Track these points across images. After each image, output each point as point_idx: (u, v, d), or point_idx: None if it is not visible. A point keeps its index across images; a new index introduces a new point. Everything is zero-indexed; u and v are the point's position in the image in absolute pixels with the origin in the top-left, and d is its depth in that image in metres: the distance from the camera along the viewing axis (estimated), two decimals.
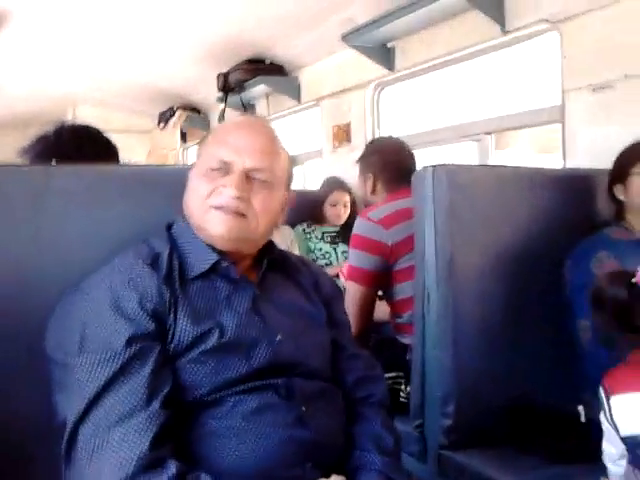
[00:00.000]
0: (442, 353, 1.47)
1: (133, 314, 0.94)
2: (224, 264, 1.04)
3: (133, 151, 4.86)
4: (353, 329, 1.30)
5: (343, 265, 2.88)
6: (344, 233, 3.23)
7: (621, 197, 1.63)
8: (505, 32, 2.63)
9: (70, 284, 1.01)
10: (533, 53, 2.73)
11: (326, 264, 3.26)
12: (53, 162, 1.36)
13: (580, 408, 1.40)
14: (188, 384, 0.95)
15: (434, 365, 1.49)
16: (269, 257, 1.13)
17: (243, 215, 1.03)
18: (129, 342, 0.92)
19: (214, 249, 1.05)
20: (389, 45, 3.53)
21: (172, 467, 0.85)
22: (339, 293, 1.26)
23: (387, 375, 1.85)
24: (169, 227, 1.12)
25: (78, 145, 1.46)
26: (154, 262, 1.01)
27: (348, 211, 3.33)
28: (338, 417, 1.08)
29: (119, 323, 0.93)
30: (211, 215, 1.04)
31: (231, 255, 1.06)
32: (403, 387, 1.79)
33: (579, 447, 1.31)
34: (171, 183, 1.20)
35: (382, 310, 2.11)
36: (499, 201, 1.59)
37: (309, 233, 3.35)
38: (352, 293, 1.97)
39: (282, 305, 1.10)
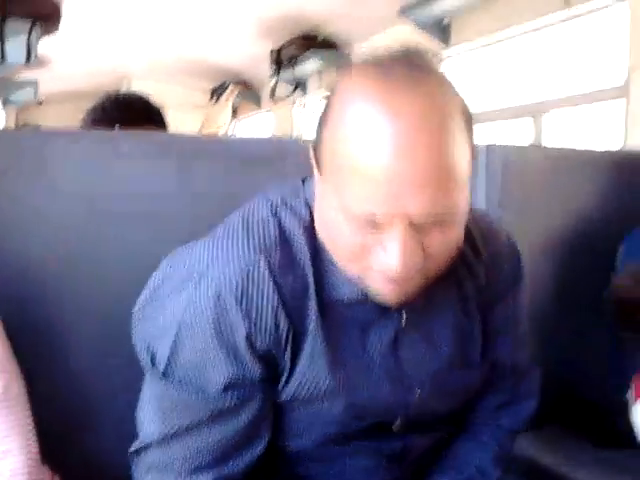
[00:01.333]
0: None
1: (240, 353, 0.69)
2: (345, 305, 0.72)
3: (186, 126, 4.92)
4: None
5: None
6: None
7: None
8: (568, 6, 2.54)
9: (131, 253, 1.02)
10: (598, 28, 2.62)
11: None
12: (116, 128, 1.40)
13: (628, 394, 1.37)
14: (293, 432, 0.76)
15: None
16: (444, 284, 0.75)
17: (413, 277, 0.66)
18: (226, 388, 0.70)
19: None
20: (445, 20, 3.46)
21: None
22: (518, 275, 0.89)
23: None
24: (302, 181, 0.77)
25: (134, 112, 1.49)
26: (284, 260, 0.69)
27: None
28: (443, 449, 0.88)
29: (220, 358, 0.69)
30: (370, 275, 0.67)
31: None
32: None
33: (627, 432, 1.28)
34: (226, 155, 1.20)
35: None
36: (552, 182, 1.55)
37: None
38: None
39: (431, 334, 0.78)
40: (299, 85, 5.01)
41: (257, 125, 6.29)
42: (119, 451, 1.06)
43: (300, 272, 0.70)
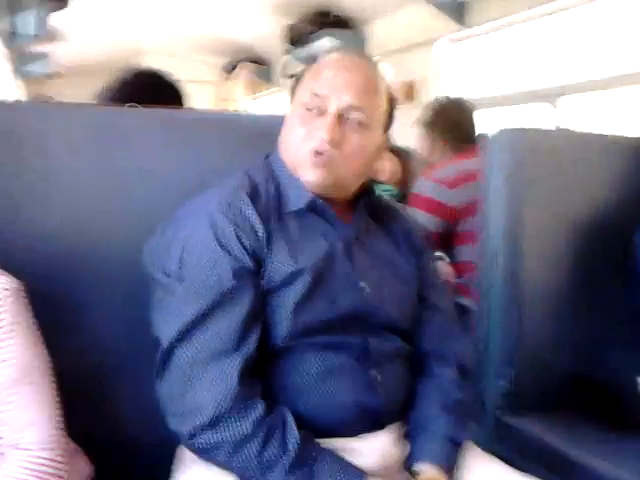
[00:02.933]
0: (506, 317, 1.47)
1: (233, 248, 0.93)
2: (319, 202, 1.01)
3: (198, 101, 4.91)
4: None
5: None
6: (402, 194, 3.21)
7: None
8: None
9: (138, 224, 1.08)
10: (617, 11, 2.59)
11: None
12: (127, 105, 1.40)
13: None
14: (270, 325, 0.95)
15: (496, 329, 1.48)
16: (365, 201, 1.08)
17: (334, 161, 0.98)
18: (233, 274, 0.92)
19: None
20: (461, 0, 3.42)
21: (260, 407, 0.88)
22: (427, 247, 1.18)
23: None
24: (267, 157, 1.09)
25: (147, 88, 1.50)
26: (254, 192, 0.99)
27: (388, 165, 3.24)
28: (409, 379, 1.06)
29: (220, 255, 0.93)
30: (304, 160, 0.99)
31: (325, 198, 1.01)
32: None
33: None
34: (238, 129, 1.25)
35: (443, 272, 2.11)
36: (571, 167, 1.55)
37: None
38: None
39: (373, 252, 1.06)
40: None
41: (273, 103, 6.26)
42: (140, 421, 1.09)
43: (265, 196, 1.00)
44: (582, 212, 1.54)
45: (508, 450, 1.44)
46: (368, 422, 0.98)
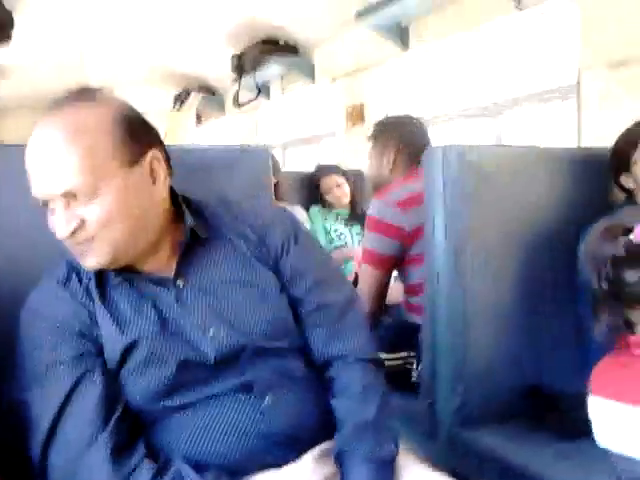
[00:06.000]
0: (452, 333, 1.48)
1: (60, 340, 0.92)
2: (125, 279, 0.97)
3: None
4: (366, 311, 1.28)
5: (356, 248, 2.89)
6: (353, 214, 3.26)
7: (630, 186, 1.57)
8: (520, 8, 2.60)
9: None
10: (548, 29, 2.69)
11: (341, 245, 3.27)
12: None
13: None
14: (135, 395, 0.93)
15: (444, 345, 1.49)
16: (182, 242, 1.00)
17: (90, 240, 0.91)
18: (71, 364, 0.91)
19: None
20: (403, 24, 3.50)
21: (147, 472, 0.87)
22: (291, 237, 1.08)
23: (399, 355, 1.87)
24: None
25: None
26: (67, 279, 0.97)
27: (346, 189, 3.29)
28: (310, 395, 1.01)
29: (49, 352, 0.92)
30: (72, 252, 0.94)
31: (134, 263, 0.98)
32: (415, 367, 1.80)
33: (589, 424, 1.31)
34: (189, 163, 1.23)
35: (395, 292, 2.11)
36: (511, 181, 1.58)
37: (325, 214, 3.34)
38: (366, 276, 1.95)
39: (212, 289, 0.99)
40: (261, 90, 5.01)
41: (221, 130, 6.27)
42: None
43: (80, 281, 0.97)
44: (523, 226, 1.56)
45: (463, 463, 1.45)
46: (279, 448, 0.95)
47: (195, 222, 1.02)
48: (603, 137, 2.10)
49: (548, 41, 2.76)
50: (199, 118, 6.31)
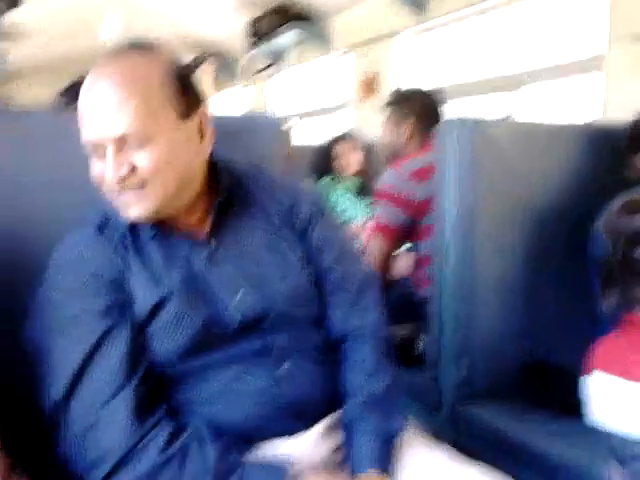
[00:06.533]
0: (458, 306, 1.48)
1: (92, 290, 0.92)
2: (160, 233, 0.97)
3: None
4: None
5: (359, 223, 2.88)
6: (364, 185, 3.23)
7: None
8: None
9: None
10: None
11: (343, 223, 3.23)
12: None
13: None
14: (160, 353, 0.93)
15: (450, 318, 1.49)
16: (219, 201, 1.01)
17: (140, 186, 0.90)
18: (100, 315, 0.91)
19: None
20: None
21: (165, 433, 0.87)
22: (319, 209, 1.10)
23: (404, 326, 1.87)
24: None
25: None
26: (103, 226, 0.97)
27: (359, 156, 3.26)
28: (322, 369, 1.02)
29: (79, 301, 0.91)
30: (113, 198, 0.93)
31: (165, 220, 0.97)
32: (419, 340, 1.81)
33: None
34: None
35: (401, 265, 2.11)
36: (523, 155, 1.56)
37: (334, 186, 3.30)
38: (374, 247, 1.96)
39: (244, 252, 1.01)
40: (277, 57, 4.96)
41: (234, 99, 6.23)
42: None
43: (116, 230, 0.97)
44: (534, 201, 1.55)
45: (465, 438, 1.46)
46: (289, 418, 0.96)
47: (231, 183, 1.04)
48: (630, 109, 2.07)
49: (574, 12, 2.69)
50: (213, 85, 6.26)
